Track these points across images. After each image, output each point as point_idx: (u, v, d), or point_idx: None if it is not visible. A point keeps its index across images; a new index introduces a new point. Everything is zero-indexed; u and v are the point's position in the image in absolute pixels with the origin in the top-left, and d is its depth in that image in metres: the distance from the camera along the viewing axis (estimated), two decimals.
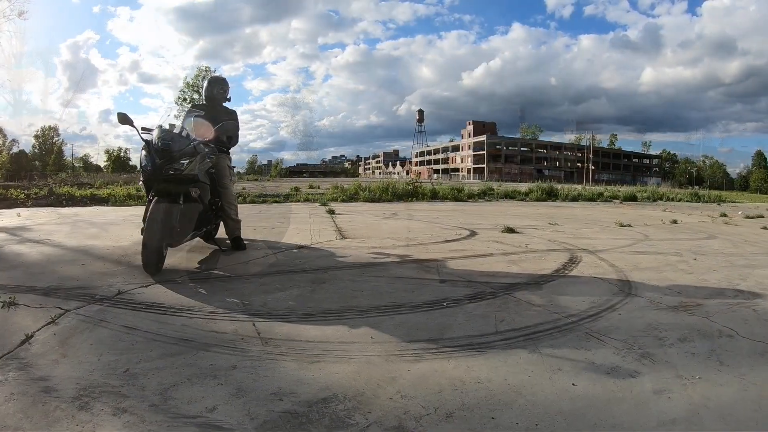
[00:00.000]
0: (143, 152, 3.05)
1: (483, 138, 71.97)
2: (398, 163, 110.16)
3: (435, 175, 59.73)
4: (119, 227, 5.17)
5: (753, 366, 1.70)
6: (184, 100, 30.71)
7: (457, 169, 77.32)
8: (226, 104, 4.04)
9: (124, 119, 3.07)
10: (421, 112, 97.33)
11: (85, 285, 2.66)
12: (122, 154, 69.26)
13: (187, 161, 3.01)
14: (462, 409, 1.37)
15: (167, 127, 3.20)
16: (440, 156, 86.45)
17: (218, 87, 3.94)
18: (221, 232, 4.09)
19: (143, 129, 3.19)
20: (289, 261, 3.47)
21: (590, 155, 57.63)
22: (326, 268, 3.24)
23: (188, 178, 3.04)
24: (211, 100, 3.94)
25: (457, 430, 1.26)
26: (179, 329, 1.98)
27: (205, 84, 4.09)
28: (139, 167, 3.14)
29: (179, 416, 1.32)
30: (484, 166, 69.06)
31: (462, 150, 79.42)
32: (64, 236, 4.40)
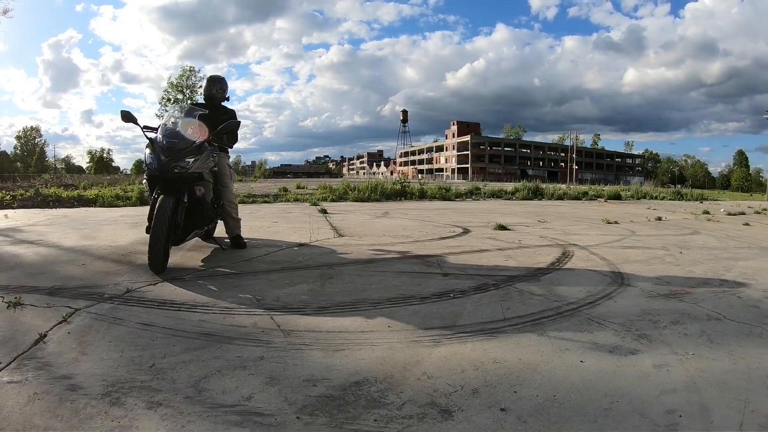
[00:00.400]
0: (147, 150, 3.05)
1: (467, 138, 72.79)
2: (382, 163, 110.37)
3: (420, 175, 60.07)
4: (112, 227, 5.10)
5: (740, 344, 1.86)
6: (168, 100, 30.11)
7: (441, 169, 77.99)
8: (224, 104, 4.06)
9: (127, 117, 3.06)
10: (405, 112, 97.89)
11: (90, 284, 2.64)
12: (105, 155, 67.59)
13: (193, 159, 3.03)
14: (486, 385, 1.47)
15: (170, 125, 3.20)
16: (424, 156, 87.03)
17: (217, 86, 3.94)
18: (220, 232, 4.10)
19: (146, 127, 3.19)
20: (293, 258, 3.51)
21: (574, 155, 58.98)
22: (331, 264, 3.30)
23: (194, 176, 3.06)
24: (210, 99, 3.95)
25: (484, 403, 1.36)
26: (197, 324, 2.01)
27: (204, 83, 4.09)
28: (144, 165, 3.14)
29: (217, 406, 1.34)
30: (468, 166, 69.88)
31: (446, 150, 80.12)
32: (58, 237, 4.32)
